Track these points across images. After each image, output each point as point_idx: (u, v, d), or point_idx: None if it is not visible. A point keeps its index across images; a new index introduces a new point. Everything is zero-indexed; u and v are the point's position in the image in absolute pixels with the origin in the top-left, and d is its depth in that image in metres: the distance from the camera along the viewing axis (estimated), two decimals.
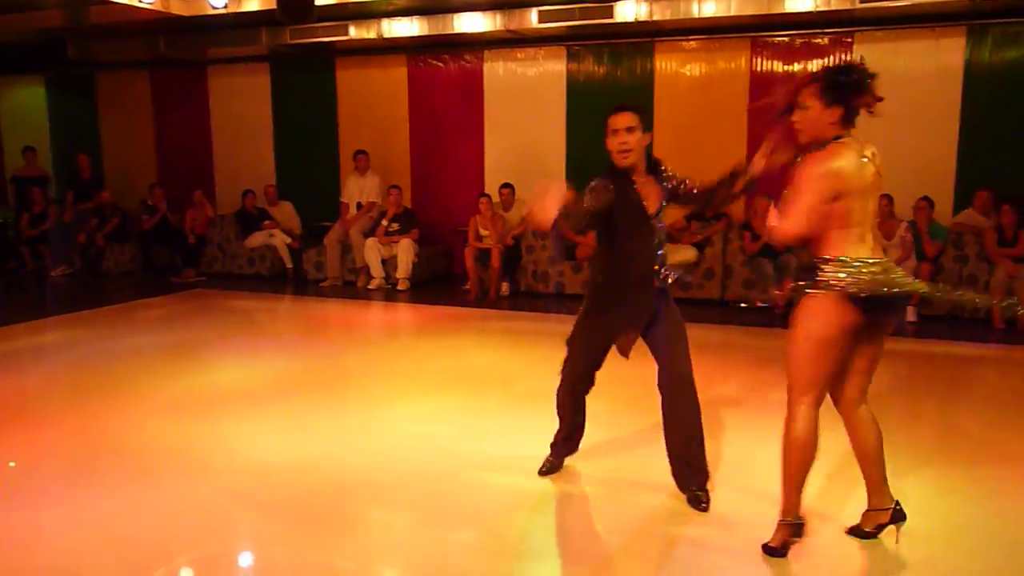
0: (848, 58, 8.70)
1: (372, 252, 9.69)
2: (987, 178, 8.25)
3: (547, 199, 3.35)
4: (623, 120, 3.58)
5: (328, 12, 9.13)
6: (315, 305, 9.19)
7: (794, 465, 3.12)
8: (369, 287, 9.71)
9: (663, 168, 3.70)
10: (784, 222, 3.03)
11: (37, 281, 10.68)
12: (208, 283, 10.33)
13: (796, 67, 8.90)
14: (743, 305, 8.22)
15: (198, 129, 11.96)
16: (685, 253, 8.72)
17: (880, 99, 3.04)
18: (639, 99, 9.42)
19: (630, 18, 8.53)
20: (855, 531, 3.35)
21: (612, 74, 9.66)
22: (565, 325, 8.16)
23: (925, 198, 8.02)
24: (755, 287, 8.46)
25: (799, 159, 3.12)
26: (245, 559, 3.47)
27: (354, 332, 8.02)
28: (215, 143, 11.93)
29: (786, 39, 8.92)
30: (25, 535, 3.52)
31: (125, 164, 12.40)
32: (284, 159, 11.53)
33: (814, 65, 8.83)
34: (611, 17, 8.56)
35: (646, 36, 9.34)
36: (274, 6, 8.27)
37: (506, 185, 9.65)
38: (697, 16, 8.37)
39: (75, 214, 11.21)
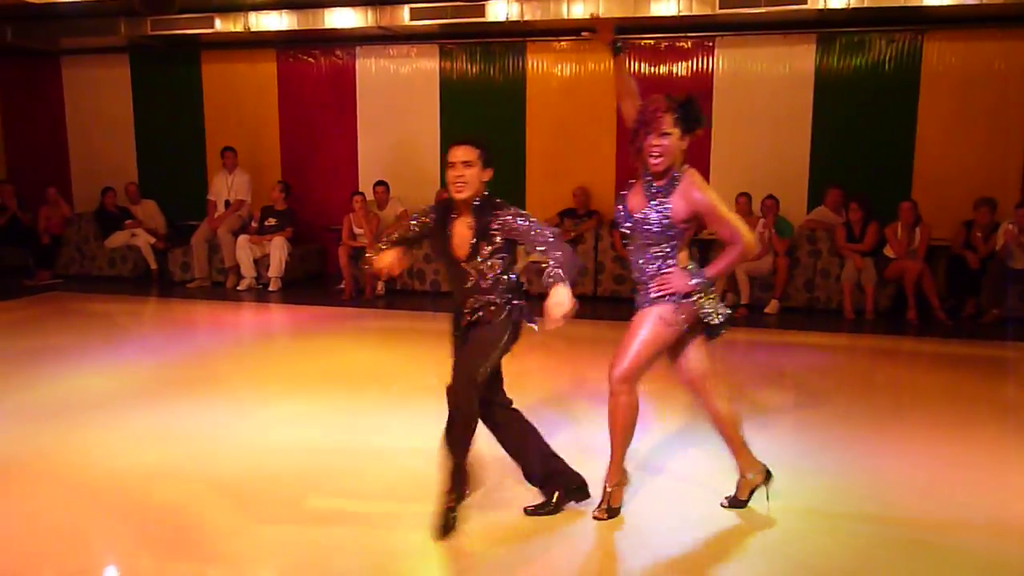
0: (710, 62, 9.09)
1: (244, 251, 9.43)
2: (837, 177, 8.78)
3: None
4: (460, 153, 3.42)
5: (192, 3, 8.82)
6: (182, 307, 8.87)
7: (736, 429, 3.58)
8: (239, 287, 9.44)
9: (494, 212, 3.43)
10: (744, 236, 3.29)
11: None
12: (65, 286, 9.79)
13: (662, 69, 9.22)
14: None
15: (51, 123, 11.31)
16: None
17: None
18: (511, 98, 9.59)
19: (501, 17, 8.62)
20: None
21: (485, 73, 9.75)
22: (441, 323, 8.18)
23: (771, 196, 8.43)
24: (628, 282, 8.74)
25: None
26: (110, 573, 3.33)
27: (223, 334, 7.78)
28: (71, 138, 11.32)
29: (651, 42, 9.23)
30: None
31: None
32: (147, 155, 11.06)
33: (679, 68, 9.18)
34: (483, 16, 8.63)
35: (518, 36, 9.46)
36: None
37: (380, 183, 9.58)
38: (567, 17, 8.54)
39: None
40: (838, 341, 7.36)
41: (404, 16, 8.84)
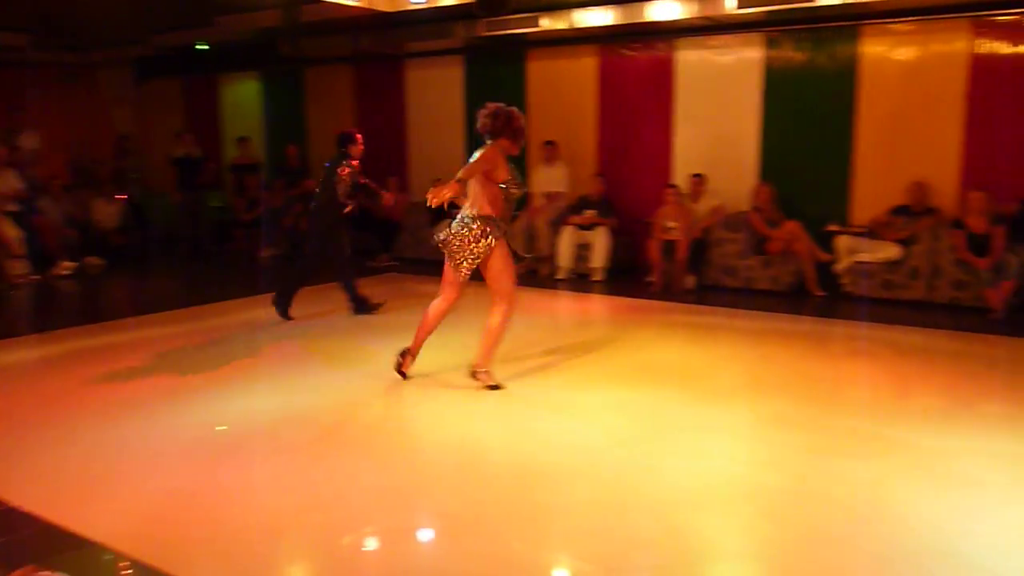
0: None
1: (566, 241, 9.71)
2: None
3: None
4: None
5: (522, 4, 9.23)
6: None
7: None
8: (557, 276, 9.76)
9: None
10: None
11: (249, 261, 11.54)
12: (400, 267, 10.75)
13: None
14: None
15: (394, 120, 12.46)
16: (887, 250, 8.17)
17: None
18: (840, 86, 8.96)
19: (835, 1, 8.05)
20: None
21: (813, 60, 9.16)
22: (753, 322, 7.92)
23: None
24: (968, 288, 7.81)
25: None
26: (426, 535, 3.58)
27: (538, 320, 8.05)
28: (409, 133, 12.40)
29: (1014, 17, 8.11)
30: (239, 494, 3.80)
31: (329, 153, 13.04)
32: (474, 149, 11.76)
33: None
34: (814, 0, 8.11)
35: (852, 19, 8.77)
36: (470, 0, 8.48)
37: (696, 175, 9.41)
38: None
39: (283, 200, 12.00)
40: None
41: (730, 4, 8.57)
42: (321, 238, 7.64)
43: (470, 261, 5.20)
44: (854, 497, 3.73)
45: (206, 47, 12.39)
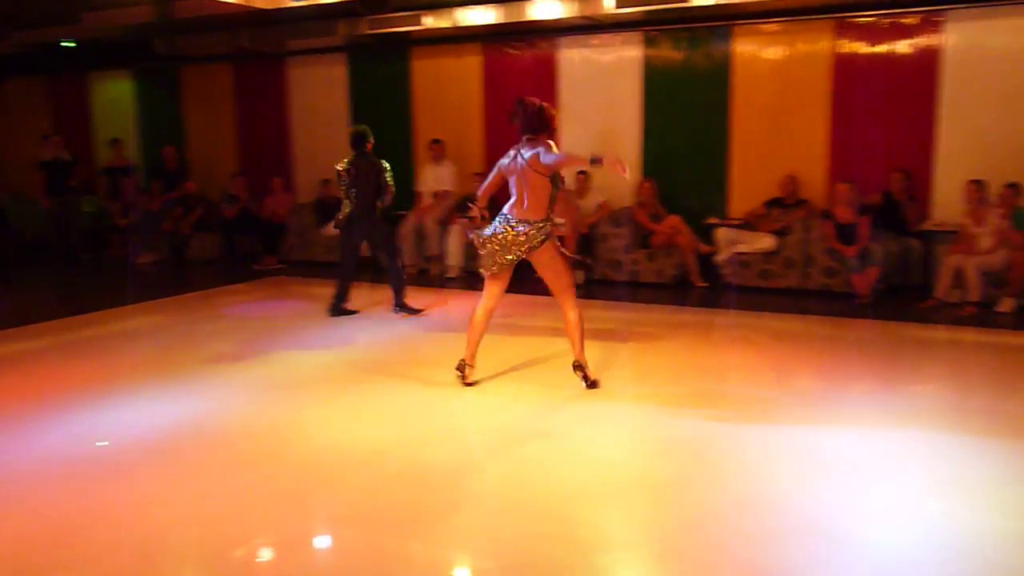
0: (938, 38, 8.36)
1: (455, 239, 9.72)
2: None
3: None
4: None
5: (404, 1, 9.19)
6: (391, 293, 9.27)
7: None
8: (448, 275, 9.76)
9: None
10: None
11: (126, 268, 11.07)
12: (287, 270, 10.53)
13: (882, 48, 8.59)
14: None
15: (277, 119, 12.19)
16: (763, 241, 8.53)
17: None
18: (716, 84, 9.29)
19: (709, 1, 8.35)
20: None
21: (689, 59, 9.48)
22: (640, 314, 8.10)
23: (1011, 185, 7.63)
24: (836, 275, 8.24)
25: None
26: (322, 541, 3.54)
27: (430, 319, 8.06)
28: (294, 133, 12.15)
29: (872, 19, 8.61)
30: (118, 511, 3.65)
31: (208, 154, 12.72)
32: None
33: (901, 46, 8.51)
34: (688, 0, 8.39)
35: (724, 19, 9.12)
36: None
37: (580, 172, 9.58)
38: None
39: (161, 204, 11.57)
40: None
41: (609, 4, 8.76)
42: (369, 238, 8.02)
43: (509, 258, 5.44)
44: (734, 480, 3.89)
45: (73, 44, 11.81)
